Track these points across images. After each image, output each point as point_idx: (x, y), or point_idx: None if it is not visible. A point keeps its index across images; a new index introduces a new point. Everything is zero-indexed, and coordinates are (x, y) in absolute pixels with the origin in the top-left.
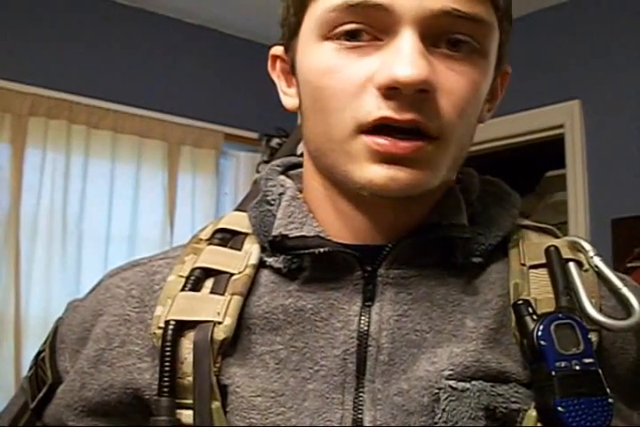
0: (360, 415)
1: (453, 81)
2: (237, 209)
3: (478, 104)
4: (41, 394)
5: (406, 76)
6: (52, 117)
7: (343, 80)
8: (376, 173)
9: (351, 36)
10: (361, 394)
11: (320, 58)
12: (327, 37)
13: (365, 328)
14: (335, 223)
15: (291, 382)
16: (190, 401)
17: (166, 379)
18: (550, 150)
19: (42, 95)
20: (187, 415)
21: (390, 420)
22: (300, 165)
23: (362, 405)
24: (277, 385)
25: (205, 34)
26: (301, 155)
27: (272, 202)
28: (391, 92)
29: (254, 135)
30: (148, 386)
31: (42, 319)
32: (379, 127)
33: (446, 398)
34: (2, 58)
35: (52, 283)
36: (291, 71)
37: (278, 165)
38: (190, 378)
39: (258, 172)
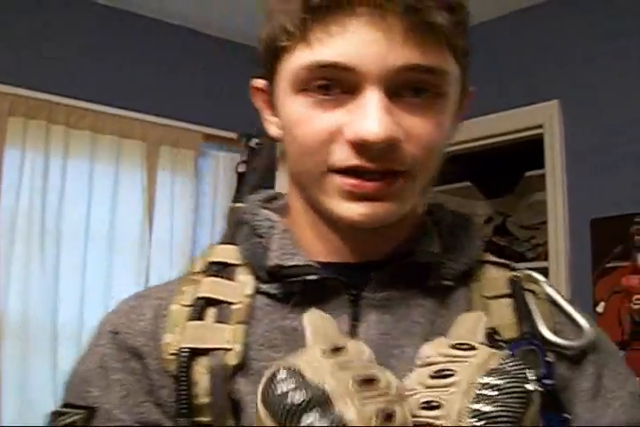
0: None
1: (418, 126)
2: (223, 242)
3: (443, 139)
4: None
5: (372, 135)
6: (31, 118)
7: (315, 130)
8: (349, 210)
9: (323, 88)
10: None
11: (294, 110)
12: (300, 91)
13: None
14: (319, 246)
15: None
16: (206, 419)
17: (184, 402)
18: (529, 150)
19: (21, 95)
20: None
21: None
22: (276, 198)
23: None
24: None
25: (183, 34)
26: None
27: (263, 235)
28: (360, 147)
29: (233, 135)
30: (165, 403)
31: (20, 319)
32: (349, 170)
33: None
34: None
35: (30, 283)
36: (274, 105)
37: (259, 200)
38: (204, 399)
39: (237, 172)
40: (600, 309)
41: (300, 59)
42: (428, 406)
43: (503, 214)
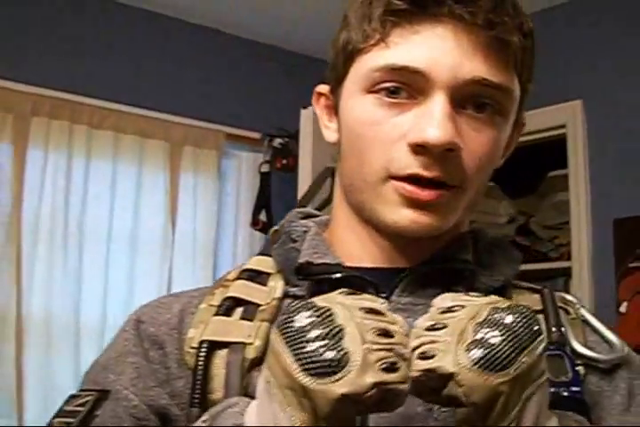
0: (366, 417)
1: (476, 141)
2: (260, 254)
3: (496, 158)
4: None
5: (435, 139)
6: (54, 118)
7: (380, 133)
8: (402, 216)
9: (391, 92)
10: None
11: (362, 109)
12: (369, 91)
13: None
14: (359, 248)
15: None
16: None
17: (198, 392)
18: (552, 150)
19: (44, 95)
20: None
21: (388, 424)
22: (316, 216)
23: None
24: None
25: (207, 34)
26: (320, 208)
27: (296, 239)
28: (420, 149)
29: (256, 135)
30: (179, 393)
31: (43, 319)
32: (407, 177)
33: (439, 408)
34: (4, 58)
35: (53, 283)
36: (334, 110)
37: (300, 212)
38: (219, 393)
39: (260, 172)
40: (623, 309)
41: (374, 60)
42: (424, 356)
43: (526, 214)
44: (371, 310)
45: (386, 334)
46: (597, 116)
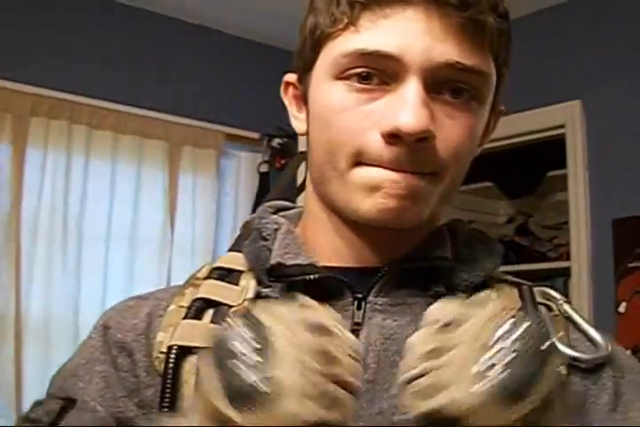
0: None
1: (451, 128)
2: (231, 249)
3: (473, 146)
4: None
5: (409, 126)
6: (53, 118)
7: (351, 120)
8: (372, 204)
9: (362, 78)
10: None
11: (331, 96)
12: (339, 77)
13: None
14: (331, 247)
15: None
16: None
17: (167, 400)
18: (551, 150)
19: (43, 95)
20: None
21: None
22: (288, 209)
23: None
24: None
25: (207, 34)
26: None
27: (267, 237)
28: (393, 139)
29: (255, 135)
30: (149, 402)
31: (42, 319)
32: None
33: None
34: (3, 58)
35: (52, 283)
36: (302, 100)
37: (270, 206)
38: (190, 401)
39: (259, 172)
40: (622, 309)
41: (344, 45)
42: (423, 393)
43: (525, 214)
44: (318, 330)
45: (331, 360)
46: (596, 116)
